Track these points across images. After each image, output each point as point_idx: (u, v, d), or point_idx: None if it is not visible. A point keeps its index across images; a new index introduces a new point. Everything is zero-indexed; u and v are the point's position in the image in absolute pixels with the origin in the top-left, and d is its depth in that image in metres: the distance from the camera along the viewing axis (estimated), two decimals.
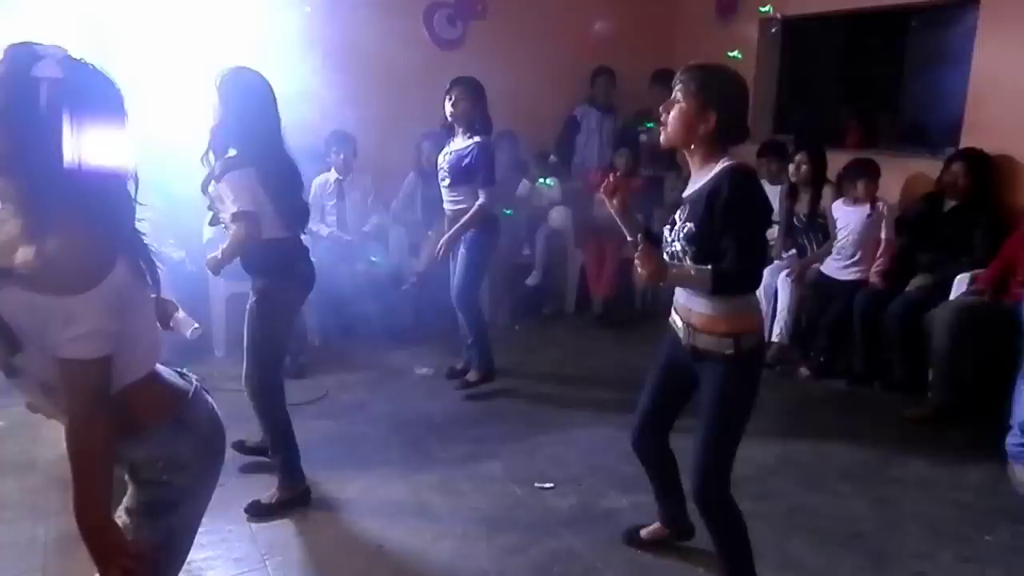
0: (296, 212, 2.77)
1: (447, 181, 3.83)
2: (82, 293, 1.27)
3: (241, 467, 3.08)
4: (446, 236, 3.80)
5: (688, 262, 2.06)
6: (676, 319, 2.22)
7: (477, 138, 3.73)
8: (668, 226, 2.17)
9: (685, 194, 2.14)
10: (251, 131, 2.60)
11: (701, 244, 2.03)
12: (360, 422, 3.68)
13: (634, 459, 2.52)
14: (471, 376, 3.97)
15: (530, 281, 5.17)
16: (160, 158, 3.92)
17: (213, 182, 2.62)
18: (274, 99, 2.66)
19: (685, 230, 2.06)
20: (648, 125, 5.40)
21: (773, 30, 5.24)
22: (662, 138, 2.12)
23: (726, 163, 2.03)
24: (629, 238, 2.22)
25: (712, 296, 2.04)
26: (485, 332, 3.98)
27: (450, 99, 3.73)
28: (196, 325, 4.45)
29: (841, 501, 2.95)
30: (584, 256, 5.18)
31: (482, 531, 2.75)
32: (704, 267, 2.00)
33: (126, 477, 1.50)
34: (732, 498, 2.17)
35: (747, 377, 2.13)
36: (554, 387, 4.08)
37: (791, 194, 4.57)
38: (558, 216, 5.05)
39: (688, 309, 2.14)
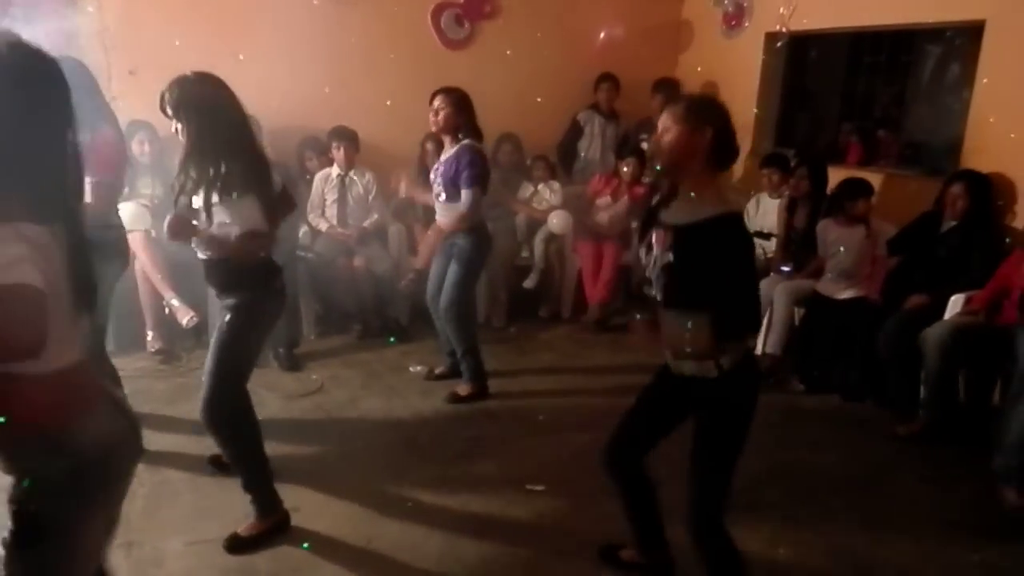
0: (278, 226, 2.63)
1: (442, 196, 3.66)
2: None
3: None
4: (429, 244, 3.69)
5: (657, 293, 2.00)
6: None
7: (465, 141, 3.58)
8: (645, 248, 2.07)
9: (668, 219, 2.01)
10: (235, 147, 2.45)
11: (682, 279, 1.94)
12: (353, 417, 3.69)
13: None
14: (461, 390, 3.88)
15: (527, 283, 5.17)
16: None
17: (207, 199, 2.44)
18: (236, 98, 2.47)
19: (664, 260, 1.97)
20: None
21: (779, 44, 5.26)
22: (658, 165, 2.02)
23: (719, 207, 1.95)
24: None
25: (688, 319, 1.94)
26: (476, 345, 3.89)
27: (432, 109, 3.58)
28: (192, 314, 4.42)
29: (830, 514, 2.96)
30: (581, 261, 5.19)
31: (472, 530, 2.75)
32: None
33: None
34: (726, 529, 2.08)
35: (737, 400, 2.03)
36: (548, 390, 4.08)
37: (790, 208, 4.60)
38: (558, 220, 5.05)
39: (670, 334, 2.03)
